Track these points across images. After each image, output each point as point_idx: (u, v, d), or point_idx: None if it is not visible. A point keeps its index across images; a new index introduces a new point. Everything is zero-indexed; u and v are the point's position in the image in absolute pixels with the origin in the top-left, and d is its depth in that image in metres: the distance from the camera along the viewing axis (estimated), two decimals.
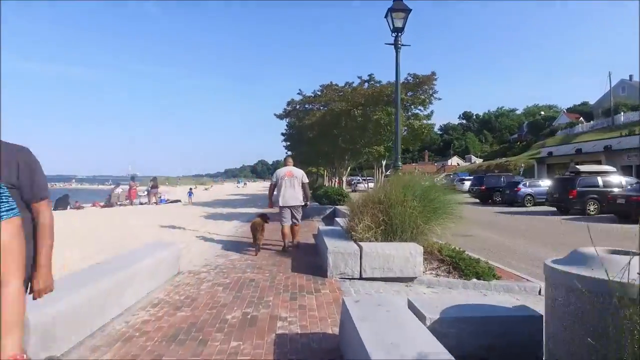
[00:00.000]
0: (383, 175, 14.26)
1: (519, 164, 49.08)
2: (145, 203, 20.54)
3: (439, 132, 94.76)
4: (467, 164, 76.76)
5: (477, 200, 23.16)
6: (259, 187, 66.32)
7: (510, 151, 73.73)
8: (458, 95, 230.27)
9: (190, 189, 26.83)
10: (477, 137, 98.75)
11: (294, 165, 7.12)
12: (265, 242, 7.21)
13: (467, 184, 38.98)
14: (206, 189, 52.52)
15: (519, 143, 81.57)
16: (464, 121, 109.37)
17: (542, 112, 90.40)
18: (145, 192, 21.46)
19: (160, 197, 21.30)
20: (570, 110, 72.11)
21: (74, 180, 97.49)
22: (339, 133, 12.02)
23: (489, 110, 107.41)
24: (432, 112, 10.67)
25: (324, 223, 11.90)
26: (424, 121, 11.37)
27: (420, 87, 10.52)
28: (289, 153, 25.66)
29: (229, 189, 51.47)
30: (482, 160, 77.74)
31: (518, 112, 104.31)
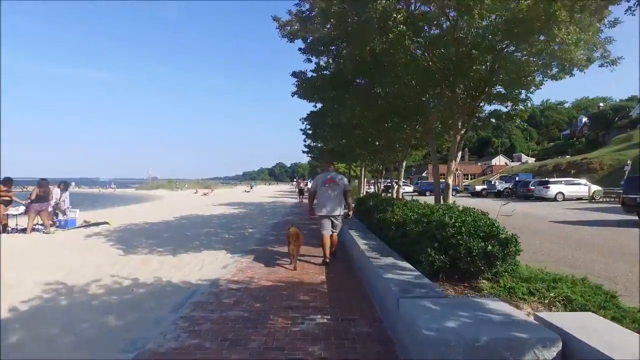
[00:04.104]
0: None
1: (604, 162, 37.55)
2: (14, 230, 10.46)
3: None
4: (517, 163, 64.70)
5: (636, 218, 12.93)
6: (271, 191, 56.01)
7: (571, 148, 61.62)
8: None
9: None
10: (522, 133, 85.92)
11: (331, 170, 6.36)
12: None
13: (554, 188, 28.07)
14: (205, 194, 42.78)
15: (575, 139, 69.34)
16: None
17: (601, 104, 77.29)
18: (24, 209, 11.25)
19: (58, 217, 11.28)
20: None
21: (73, 183, 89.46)
22: None
23: (532, 104, 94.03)
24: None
25: None
26: None
27: None
28: (307, 130, 15.22)
29: (232, 195, 41.59)
30: (534, 159, 65.71)
31: (567, 105, 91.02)
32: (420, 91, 6.08)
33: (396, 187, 10.92)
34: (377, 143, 14.53)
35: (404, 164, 11.22)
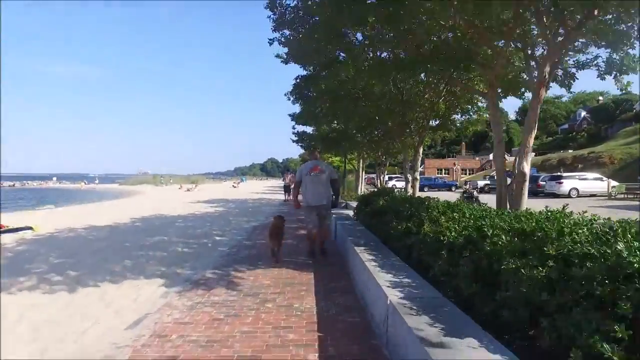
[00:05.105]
0: None
1: (614, 156, 35.36)
2: None
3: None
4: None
5: None
6: (260, 186, 53.02)
7: (572, 143, 59.55)
8: None
9: None
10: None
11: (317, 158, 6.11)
12: None
13: (568, 184, 25.65)
14: (188, 190, 39.73)
15: (575, 133, 67.32)
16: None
17: (600, 98, 75.39)
18: None
19: None
20: None
21: (55, 178, 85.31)
22: None
23: (527, 98, 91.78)
24: None
25: None
26: None
27: None
28: (295, 116, 12.40)
29: (217, 191, 38.73)
30: (533, 154, 63.47)
31: (564, 99, 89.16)
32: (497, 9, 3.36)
33: (411, 181, 8.24)
34: (377, 132, 11.83)
35: (421, 150, 8.56)
